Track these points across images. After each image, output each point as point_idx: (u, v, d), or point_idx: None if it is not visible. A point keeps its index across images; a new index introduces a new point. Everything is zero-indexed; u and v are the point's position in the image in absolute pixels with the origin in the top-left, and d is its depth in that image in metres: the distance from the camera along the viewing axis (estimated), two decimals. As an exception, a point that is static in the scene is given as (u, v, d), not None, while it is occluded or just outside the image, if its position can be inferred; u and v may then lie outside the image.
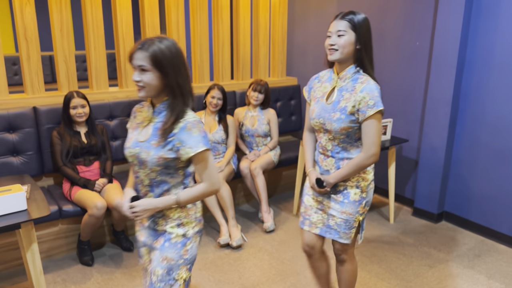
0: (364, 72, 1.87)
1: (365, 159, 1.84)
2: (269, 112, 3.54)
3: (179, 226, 1.60)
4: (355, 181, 1.91)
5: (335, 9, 4.19)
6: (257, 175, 3.32)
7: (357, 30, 1.81)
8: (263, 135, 3.51)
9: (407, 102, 3.67)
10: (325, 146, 1.94)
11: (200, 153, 1.50)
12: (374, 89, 1.80)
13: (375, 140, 1.82)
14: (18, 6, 2.87)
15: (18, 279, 2.64)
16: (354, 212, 1.93)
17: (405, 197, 3.81)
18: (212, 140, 3.29)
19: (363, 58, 1.84)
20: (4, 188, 2.00)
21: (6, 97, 2.93)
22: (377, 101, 1.79)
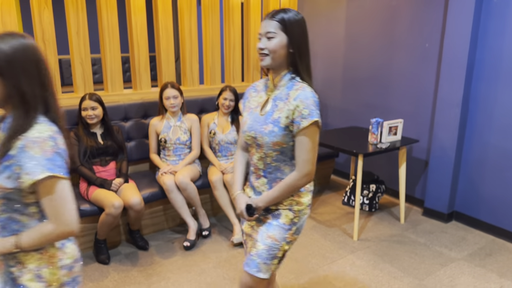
0: (301, 79, 1.62)
1: (298, 179, 1.60)
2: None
3: (39, 279, 1.26)
4: (288, 204, 1.67)
5: (344, 11, 4.24)
6: None
7: (289, 31, 1.56)
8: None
9: (417, 104, 3.71)
10: (257, 164, 1.69)
11: (42, 181, 1.17)
12: (310, 97, 1.56)
13: (308, 157, 1.58)
14: (36, 10, 2.94)
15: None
16: (280, 238, 1.67)
17: (415, 197, 3.85)
18: (225, 140, 3.34)
19: (297, 63, 1.59)
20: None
21: (24, 99, 2.99)
22: (312, 111, 1.55)
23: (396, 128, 3.37)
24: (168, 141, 3.20)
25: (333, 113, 4.57)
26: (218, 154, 3.39)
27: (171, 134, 3.20)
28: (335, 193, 4.18)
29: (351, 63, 4.28)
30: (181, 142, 3.22)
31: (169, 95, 3.15)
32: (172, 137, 3.20)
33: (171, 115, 3.23)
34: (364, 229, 3.40)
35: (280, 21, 1.56)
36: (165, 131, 3.21)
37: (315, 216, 3.63)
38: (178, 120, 3.24)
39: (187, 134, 3.25)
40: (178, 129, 3.22)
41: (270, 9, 4.10)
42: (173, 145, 3.21)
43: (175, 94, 3.16)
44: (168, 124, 3.22)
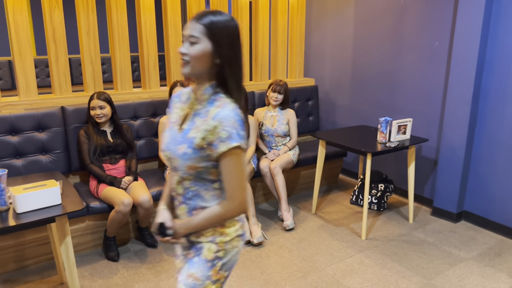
0: (226, 93, 1.37)
1: (228, 209, 1.35)
2: (288, 113, 3.60)
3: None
4: (210, 236, 1.42)
5: (352, 11, 4.23)
6: (276, 174, 3.37)
7: (215, 38, 1.31)
8: (282, 135, 3.57)
9: (426, 102, 3.69)
10: (176, 188, 1.45)
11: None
12: (231, 117, 1.30)
13: (236, 184, 1.33)
14: (47, 9, 2.98)
15: (47, 273, 2.72)
16: (203, 276, 1.41)
17: (424, 197, 3.83)
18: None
19: (225, 76, 1.34)
20: (40, 183, 2.08)
21: (35, 97, 3.04)
22: (232, 134, 1.30)
23: (405, 127, 3.36)
24: None
25: (342, 112, 4.56)
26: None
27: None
28: (343, 192, 4.17)
29: (359, 62, 4.27)
30: None
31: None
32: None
33: None
34: (372, 228, 3.40)
35: (206, 26, 1.31)
36: None
37: (323, 215, 3.62)
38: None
39: None
40: None
41: (278, 9, 4.11)
42: None
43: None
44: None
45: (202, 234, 1.42)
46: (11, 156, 2.83)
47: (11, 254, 2.69)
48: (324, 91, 4.70)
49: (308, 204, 3.84)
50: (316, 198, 3.67)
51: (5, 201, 1.99)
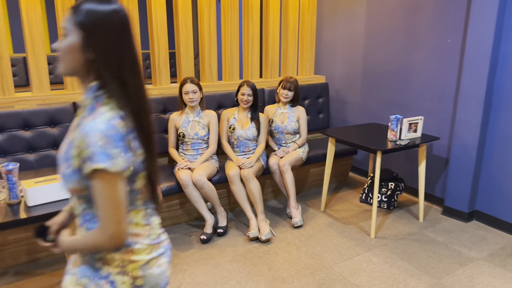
0: (110, 97, 1.12)
1: (100, 239, 1.10)
2: (298, 110, 3.60)
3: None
4: (118, 266, 1.17)
5: (364, 7, 4.20)
6: (286, 171, 3.37)
7: (87, 29, 1.09)
8: (292, 132, 3.56)
9: (438, 100, 3.65)
10: (74, 208, 1.21)
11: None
12: (97, 131, 1.05)
13: (108, 213, 1.08)
14: (60, 6, 3.01)
15: (58, 266, 2.77)
16: None
17: (435, 196, 3.79)
18: (244, 136, 3.36)
19: (102, 75, 1.11)
20: (50, 177, 2.11)
21: (48, 93, 3.08)
22: (95, 153, 1.05)
23: (416, 125, 3.33)
24: (186, 136, 3.23)
25: (352, 110, 4.53)
26: (235, 149, 3.41)
27: (190, 129, 3.23)
28: (352, 190, 4.15)
29: (371, 59, 4.24)
30: (199, 137, 3.24)
31: (188, 89, 3.17)
32: (191, 132, 3.22)
33: (190, 110, 3.26)
34: (381, 227, 3.37)
35: (78, 15, 1.09)
36: (184, 125, 3.24)
37: (332, 213, 3.61)
38: (197, 116, 3.26)
39: (205, 129, 3.27)
40: (197, 124, 3.25)
41: (289, 6, 4.10)
42: (191, 140, 3.24)
43: (194, 89, 3.18)
44: (187, 119, 3.24)
45: (107, 263, 1.17)
46: (24, 150, 2.88)
47: (23, 247, 2.74)
48: (335, 88, 4.68)
49: (317, 202, 3.83)
50: (325, 195, 3.66)
51: (16, 195, 2.03)
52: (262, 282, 2.63)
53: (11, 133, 2.83)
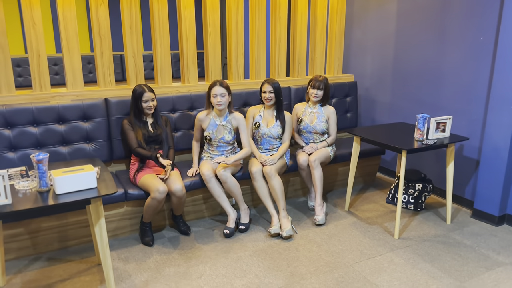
0: None
1: None
2: (328, 110, 3.58)
3: None
4: None
5: (395, 6, 4.13)
6: (315, 167, 3.38)
7: None
8: (321, 132, 3.55)
9: (469, 100, 3.54)
10: None
11: None
12: None
13: None
14: (94, 6, 3.16)
15: (86, 254, 2.91)
16: None
17: (464, 198, 3.68)
18: (268, 134, 3.38)
19: None
20: (78, 168, 2.23)
21: (81, 89, 3.24)
22: None
23: (444, 125, 3.25)
24: (213, 139, 3.24)
25: (382, 109, 4.47)
26: (259, 146, 3.45)
27: (216, 132, 3.23)
28: (379, 191, 4.09)
29: (401, 58, 4.17)
30: (225, 141, 3.25)
31: (216, 92, 3.14)
32: (217, 136, 3.23)
33: (218, 113, 3.24)
34: (407, 228, 3.32)
35: None
36: (211, 129, 3.24)
37: (357, 213, 3.58)
38: (224, 120, 3.24)
39: (232, 133, 3.26)
40: (223, 129, 3.23)
41: (318, 4, 4.10)
42: (216, 143, 3.26)
43: (223, 92, 3.15)
44: (214, 122, 3.24)
45: None
46: (58, 143, 3.05)
47: (56, 234, 2.90)
48: (364, 87, 4.63)
49: (341, 201, 3.81)
50: (349, 195, 3.63)
51: (46, 183, 2.16)
52: (280, 277, 2.65)
53: (47, 126, 3.00)
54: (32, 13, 2.97)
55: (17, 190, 2.18)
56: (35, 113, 2.95)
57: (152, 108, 3.05)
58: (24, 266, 2.76)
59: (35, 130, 2.96)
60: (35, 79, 3.08)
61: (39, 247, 2.88)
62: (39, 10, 2.99)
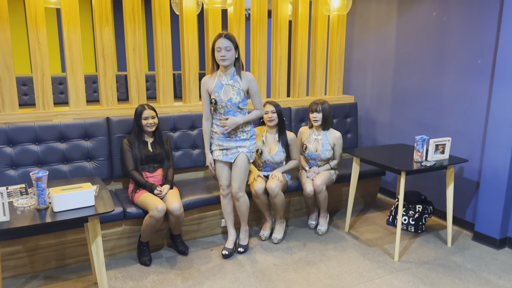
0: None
1: None
2: (334, 136, 3.50)
3: None
4: None
5: (394, 27, 4.19)
6: (320, 192, 3.41)
7: None
8: (325, 159, 3.52)
9: (468, 121, 3.56)
10: None
11: None
12: None
13: None
14: (98, 27, 3.24)
15: (84, 272, 2.90)
16: None
17: (465, 220, 3.65)
18: (271, 161, 3.38)
19: None
20: (76, 185, 2.25)
21: (84, 108, 3.29)
22: None
23: (443, 146, 3.25)
24: (218, 103, 2.87)
25: (382, 130, 4.48)
26: (261, 169, 3.49)
27: (223, 94, 2.85)
28: (380, 212, 4.07)
29: (401, 79, 4.21)
30: (232, 104, 2.86)
31: (221, 45, 2.74)
32: (224, 98, 2.85)
33: (223, 71, 2.86)
34: (407, 250, 3.28)
35: None
36: (216, 90, 2.87)
37: (357, 235, 3.56)
38: (231, 79, 2.87)
39: (241, 95, 2.86)
40: (231, 89, 2.85)
41: (318, 26, 4.17)
42: (224, 108, 2.88)
43: (228, 46, 2.74)
44: (220, 83, 2.87)
45: None
46: (59, 161, 3.07)
47: (53, 252, 2.90)
48: (364, 108, 4.66)
49: (342, 222, 3.79)
50: (349, 216, 3.62)
51: (44, 200, 2.17)
52: (277, 299, 2.63)
53: (48, 144, 3.03)
54: (38, 34, 3.04)
55: (16, 207, 2.20)
56: (37, 131, 2.99)
57: (152, 126, 3.08)
58: (21, 284, 2.75)
59: (36, 148, 2.99)
60: (39, 97, 3.13)
61: (36, 265, 2.87)
62: (45, 32, 3.06)
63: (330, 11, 3.76)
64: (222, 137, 2.97)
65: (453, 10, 3.60)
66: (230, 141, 2.97)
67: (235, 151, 2.97)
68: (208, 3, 3.26)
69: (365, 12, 4.56)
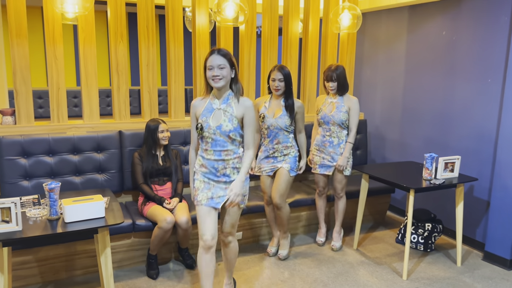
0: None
1: None
2: (350, 100, 3.36)
3: None
4: None
5: (404, 45, 4.23)
6: (341, 198, 3.49)
7: None
8: (339, 123, 3.33)
9: (478, 140, 3.54)
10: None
11: None
12: None
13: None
14: (113, 43, 3.33)
15: (92, 284, 2.92)
16: None
17: (475, 240, 3.60)
18: (275, 125, 3.13)
19: None
20: (87, 197, 2.30)
21: (97, 122, 3.36)
22: None
23: (453, 165, 3.24)
24: (205, 129, 2.32)
25: (391, 147, 4.48)
26: (266, 139, 3.23)
27: (212, 119, 2.33)
28: (389, 230, 4.04)
29: (410, 97, 4.22)
30: (222, 132, 2.31)
31: (212, 64, 2.27)
32: (212, 124, 2.32)
33: (216, 94, 2.37)
34: (416, 268, 3.25)
35: None
36: (205, 114, 2.35)
37: (365, 252, 3.54)
38: (224, 103, 2.35)
39: (233, 123, 2.33)
40: (222, 114, 2.33)
41: (328, 43, 4.22)
42: (211, 136, 2.33)
43: (221, 64, 2.26)
44: (211, 107, 2.36)
45: None
46: (71, 173, 3.13)
47: (63, 263, 2.93)
48: (374, 125, 4.67)
49: (350, 239, 3.77)
50: (358, 233, 3.60)
51: (56, 211, 2.22)
52: (283, 315, 2.62)
53: (61, 156, 3.10)
54: (55, 50, 3.14)
55: (28, 218, 2.25)
56: (52, 143, 3.06)
57: (167, 139, 3.14)
58: (30, 294, 2.78)
59: (50, 160, 3.06)
60: (54, 110, 3.22)
61: (46, 275, 2.91)
62: (62, 47, 3.16)
63: (340, 29, 3.82)
64: (208, 172, 2.40)
65: (462, 29, 3.63)
66: (218, 179, 2.39)
67: (223, 194, 2.38)
68: (220, 21, 3.34)
69: (375, 30, 4.61)
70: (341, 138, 3.38)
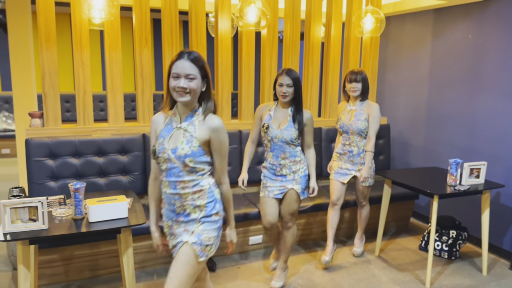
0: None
1: None
2: (370, 106, 3.22)
3: None
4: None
5: (429, 50, 4.17)
6: (364, 207, 3.45)
7: None
8: (358, 132, 3.20)
9: (505, 146, 3.45)
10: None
11: None
12: None
13: None
14: (138, 48, 3.41)
15: (115, 284, 2.98)
16: None
17: (502, 248, 3.50)
18: (279, 137, 2.72)
19: None
20: (111, 198, 2.35)
21: (122, 125, 3.43)
22: None
23: (478, 171, 3.16)
24: (159, 153, 1.88)
25: (415, 152, 4.41)
26: (269, 153, 2.81)
27: (168, 141, 1.87)
28: (412, 237, 3.97)
29: (435, 102, 4.15)
30: (177, 157, 1.83)
31: (179, 71, 1.79)
32: (167, 147, 1.86)
33: (180, 110, 1.89)
34: (439, 276, 3.18)
35: None
36: (163, 135, 1.90)
37: (387, 259, 3.48)
38: (186, 120, 1.87)
39: (192, 146, 1.83)
40: (181, 135, 1.86)
41: (350, 47, 4.20)
42: (166, 163, 1.87)
43: (191, 74, 1.79)
44: (170, 126, 1.91)
45: None
46: (96, 175, 3.21)
47: (87, 263, 3.00)
48: (397, 129, 4.61)
49: (372, 245, 3.72)
50: (380, 239, 3.55)
51: (81, 211, 2.28)
52: (303, 320, 2.60)
53: (87, 158, 3.18)
54: (82, 55, 3.23)
55: (54, 217, 2.32)
56: (78, 145, 3.15)
57: None
58: (55, 292, 2.86)
59: (76, 162, 3.14)
60: (80, 113, 3.31)
61: (70, 274, 2.98)
62: (88, 52, 3.25)
63: (363, 33, 3.79)
64: (168, 209, 1.94)
65: (489, 33, 3.55)
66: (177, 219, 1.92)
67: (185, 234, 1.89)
68: (242, 26, 3.37)
69: (399, 34, 4.56)
70: (361, 147, 3.26)
